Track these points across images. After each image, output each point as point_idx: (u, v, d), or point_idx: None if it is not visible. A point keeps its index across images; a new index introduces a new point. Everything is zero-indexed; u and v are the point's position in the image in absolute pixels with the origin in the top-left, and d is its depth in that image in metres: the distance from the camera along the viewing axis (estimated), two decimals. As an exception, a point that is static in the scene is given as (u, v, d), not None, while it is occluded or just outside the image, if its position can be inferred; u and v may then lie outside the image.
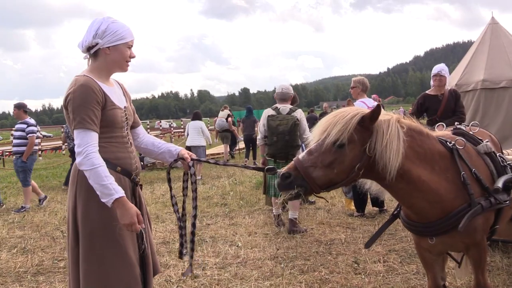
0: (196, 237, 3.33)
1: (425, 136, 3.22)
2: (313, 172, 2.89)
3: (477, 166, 3.32)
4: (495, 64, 16.07)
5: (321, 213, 8.35)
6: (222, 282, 5.26)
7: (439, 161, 3.18)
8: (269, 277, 5.31)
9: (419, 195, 3.12)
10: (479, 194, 3.18)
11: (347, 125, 2.87)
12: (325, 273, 5.29)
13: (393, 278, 5.04)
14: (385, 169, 2.94)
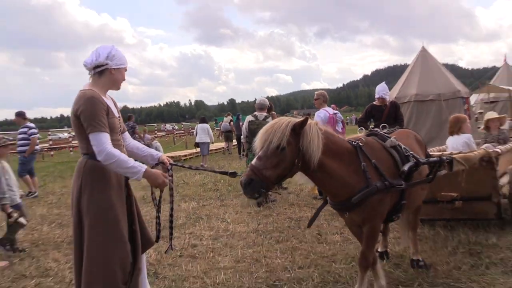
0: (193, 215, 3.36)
1: (336, 137, 3.43)
2: (266, 173, 2.99)
3: (380, 158, 3.49)
4: (424, 82, 16.33)
5: (292, 196, 8.41)
6: (215, 250, 5.29)
7: (347, 156, 3.34)
8: (252, 246, 5.36)
9: (332, 181, 3.31)
10: (377, 179, 3.33)
11: (283, 132, 3.01)
12: (295, 242, 5.34)
13: (348, 246, 5.11)
14: (310, 161, 3.10)
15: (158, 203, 3.34)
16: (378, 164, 3.37)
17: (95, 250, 2.95)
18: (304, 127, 3.07)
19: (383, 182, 3.31)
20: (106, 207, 3.00)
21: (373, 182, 3.26)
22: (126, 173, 2.98)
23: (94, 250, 2.94)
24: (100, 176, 3.02)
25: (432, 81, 16.09)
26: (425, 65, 16.67)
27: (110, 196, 3.00)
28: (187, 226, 6.55)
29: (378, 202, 3.35)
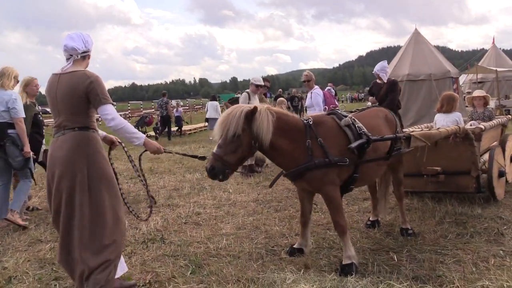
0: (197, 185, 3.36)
1: (289, 117, 3.59)
2: (227, 158, 3.26)
3: (330, 136, 3.58)
4: (416, 63, 16.18)
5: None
6: (218, 218, 5.31)
7: (297, 134, 3.50)
8: (252, 214, 5.38)
9: (281, 157, 3.55)
10: (320, 155, 3.45)
11: (238, 121, 3.22)
12: (292, 211, 5.36)
13: (341, 215, 5.13)
14: (263, 141, 3.31)
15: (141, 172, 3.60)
16: (324, 142, 3.48)
17: (110, 213, 3.05)
18: (255, 114, 3.27)
19: (323, 159, 3.43)
20: (110, 172, 3.18)
21: (314, 159, 3.42)
22: (131, 138, 3.15)
23: (108, 213, 3.04)
24: (99, 146, 3.19)
25: (424, 62, 15.94)
26: (417, 47, 16.48)
27: (108, 163, 3.22)
28: (191, 196, 6.57)
29: (322, 174, 3.49)
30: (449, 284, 3.16)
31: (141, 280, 3.53)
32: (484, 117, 6.02)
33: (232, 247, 4.22)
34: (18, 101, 5.23)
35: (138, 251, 4.28)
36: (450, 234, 4.22)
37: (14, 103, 5.15)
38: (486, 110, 6.16)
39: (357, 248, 3.98)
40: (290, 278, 3.10)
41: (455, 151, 4.95)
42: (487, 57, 22.87)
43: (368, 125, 3.81)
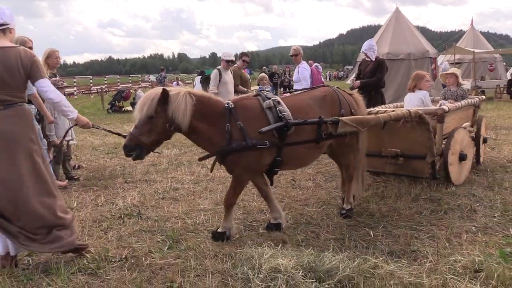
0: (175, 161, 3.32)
1: (212, 101, 3.58)
2: (143, 139, 3.32)
3: (252, 118, 3.53)
4: (396, 42, 16.25)
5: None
6: (196, 193, 5.28)
7: (217, 118, 3.49)
8: (231, 190, 5.36)
9: (203, 141, 3.61)
10: (239, 139, 3.45)
11: (151, 103, 3.27)
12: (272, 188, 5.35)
13: (319, 191, 5.17)
14: (180, 124, 3.34)
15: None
16: (245, 125, 3.46)
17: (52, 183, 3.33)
18: (169, 97, 3.29)
19: (241, 142, 3.43)
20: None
21: (233, 142, 3.43)
22: (67, 111, 3.40)
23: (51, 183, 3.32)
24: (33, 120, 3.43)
25: (404, 41, 16.01)
26: (398, 26, 16.51)
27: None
28: (169, 171, 6.50)
29: (240, 158, 3.51)
30: (423, 259, 3.22)
31: (117, 256, 3.49)
32: (456, 96, 5.92)
33: (210, 223, 4.20)
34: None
35: (115, 227, 4.23)
36: (425, 211, 4.29)
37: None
38: (459, 89, 6.04)
39: (334, 224, 4.03)
40: (268, 253, 3.10)
41: (413, 134, 4.76)
42: (465, 38, 23.15)
43: (296, 107, 3.73)
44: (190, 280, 3.02)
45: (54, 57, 5.99)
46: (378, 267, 3.02)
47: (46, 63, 5.87)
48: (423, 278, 2.89)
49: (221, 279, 3.03)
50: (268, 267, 2.84)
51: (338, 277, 2.83)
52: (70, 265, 3.33)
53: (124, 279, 3.09)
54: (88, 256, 3.48)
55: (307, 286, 2.71)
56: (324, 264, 2.94)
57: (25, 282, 3.10)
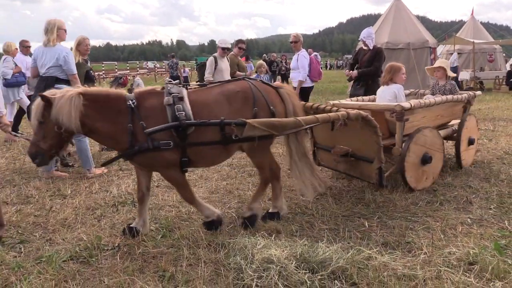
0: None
1: (111, 98, 3.31)
2: (41, 145, 3.21)
3: (154, 117, 3.28)
4: (396, 31, 16.14)
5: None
6: (191, 181, 5.23)
7: (119, 117, 3.25)
8: (226, 179, 5.33)
9: (105, 140, 3.51)
10: (144, 139, 3.22)
11: (37, 109, 3.17)
12: (266, 176, 5.31)
13: (315, 181, 5.13)
14: (69, 127, 3.15)
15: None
16: (147, 124, 3.23)
17: None
18: (51, 100, 3.13)
19: (144, 144, 3.21)
20: None
21: (136, 144, 3.22)
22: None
23: None
24: None
25: (403, 30, 15.90)
26: (398, 15, 16.38)
27: None
28: (165, 159, 6.45)
29: (149, 158, 3.32)
30: (417, 250, 3.20)
31: (110, 244, 3.47)
32: (444, 91, 5.56)
33: (205, 212, 4.16)
34: (70, 57, 5.38)
35: (108, 214, 4.20)
36: (420, 202, 4.27)
37: (66, 60, 5.31)
38: (448, 83, 5.62)
39: (329, 214, 4.00)
40: (261, 243, 3.07)
41: (363, 135, 4.32)
42: (465, 28, 22.99)
43: (202, 103, 3.44)
44: (183, 270, 3.00)
45: (84, 44, 6.09)
46: (372, 258, 3.00)
47: (77, 50, 5.99)
48: (417, 270, 2.87)
49: (214, 268, 3.01)
50: (261, 258, 2.82)
51: (332, 268, 2.81)
52: (62, 253, 3.31)
53: (116, 268, 3.06)
54: (80, 244, 3.45)
55: (300, 277, 2.69)
56: (318, 255, 2.91)
57: (16, 269, 3.07)
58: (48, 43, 5.35)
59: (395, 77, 5.06)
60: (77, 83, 5.25)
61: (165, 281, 2.88)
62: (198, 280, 2.84)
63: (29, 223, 4.01)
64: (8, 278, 2.95)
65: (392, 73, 5.06)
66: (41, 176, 5.51)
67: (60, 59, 5.28)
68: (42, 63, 5.35)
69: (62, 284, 2.84)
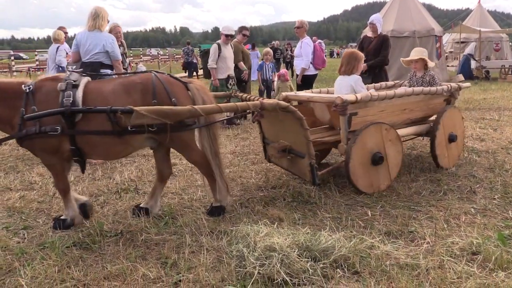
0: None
1: (10, 86, 3.33)
2: None
3: (47, 102, 3.27)
4: (401, 19, 15.97)
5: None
6: (193, 169, 5.20)
7: (15, 102, 3.26)
8: (229, 166, 5.32)
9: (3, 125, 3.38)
10: (32, 124, 3.22)
11: None
12: (269, 164, 5.28)
13: (318, 170, 5.11)
14: None
15: None
16: (39, 109, 3.22)
17: None
18: None
19: (32, 128, 3.20)
20: None
21: (25, 128, 3.22)
22: None
23: None
24: None
25: (409, 18, 15.72)
26: (403, 2, 16.19)
27: None
28: (168, 146, 6.45)
29: (36, 143, 3.31)
30: (420, 240, 3.19)
31: (112, 230, 3.47)
32: (423, 83, 5.11)
33: (207, 199, 4.17)
34: (115, 44, 5.58)
35: (111, 201, 4.20)
36: (424, 191, 4.25)
37: (112, 46, 5.49)
38: (427, 75, 5.13)
39: (332, 203, 3.99)
40: (264, 231, 3.07)
41: (294, 130, 4.08)
42: (471, 17, 22.72)
43: (99, 92, 3.38)
44: (185, 257, 3.00)
45: (116, 31, 6.51)
46: (374, 247, 3.00)
47: None
48: (419, 259, 2.86)
49: (216, 256, 3.01)
50: (263, 246, 2.81)
51: (334, 257, 2.81)
52: (65, 239, 3.32)
53: (119, 254, 3.07)
54: (83, 230, 3.46)
55: (302, 265, 2.69)
56: (320, 243, 2.91)
57: (20, 255, 3.09)
58: (94, 28, 5.41)
59: (357, 67, 4.58)
60: (120, 68, 5.58)
61: (167, 268, 2.88)
62: (201, 267, 2.84)
63: (32, 209, 4.03)
64: (12, 264, 2.96)
65: (357, 62, 4.56)
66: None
67: (107, 46, 5.41)
68: (87, 48, 5.40)
69: (65, 269, 2.85)
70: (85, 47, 5.40)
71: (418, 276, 2.70)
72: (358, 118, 4.18)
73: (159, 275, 2.78)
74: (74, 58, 5.64)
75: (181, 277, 2.75)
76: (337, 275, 2.70)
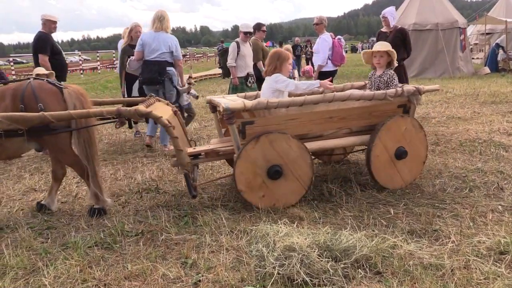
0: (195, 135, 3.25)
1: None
2: None
3: None
4: (424, 11, 15.65)
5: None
6: (214, 168, 5.23)
7: None
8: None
9: None
10: None
11: None
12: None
13: (339, 167, 5.03)
14: None
15: None
16: None
17: None
18: None
19: None
20: None
21: None
22: None
23: None
24: None
25: (431, 10, 15.39)
26: (426, -6, 15.83)
27: None
28: (188, 145, 6.47)
29: None
30: (445, 239, 3.10)
31: (133, 230, 3.49)
32: (380, 83, 4.36)
33: (227, 198, 4.16)
34: (178, 44, 6.04)
35: (132, 201, 4.24)
36: (448, 188, 4.13)
37: (177, 47, 5.97)
38: (385, 74, 4.33)
39: (353, 201, 3.92)
40: (283, 230, 3.03)
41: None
42: (496, 7, 22.07)
43: None
44: (205, 256, 3.00)
45: (135, 31, 6.71)
46: (397, 246, 2.93)
47: (130, 35, 6.73)
48: (444, 259, 2.78)
49: (236, 255, 2.99)
50: (283, 246, 2.77)
51: (355, 257, 2.75)
52: (87, 239, 3.35)
53: (139, 254, 3.09)
54: (104, 230, 3.50)
55: (323, 266, 2.64)
56: (341, 243, 2.85)
57: (43, 255, 3.14)
58: (161, 30, 5.88)
59: (281, 67, 4.13)
60: (181, 67, 6.13)
61: (187, 267, 2.88)
62: (220, 267, 2.83)
63: (56, 210, 4.09)
64: (36, 263, 3.01)
65: (280, 62, 4.13)
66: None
67: (172, 46, 5.89)
68: (153, 48, 5.83)
69: (87, 269, 2.88)
70: (151, 47, 5.83)
71: (443, 276, 2.62)
72: (256, 127, 3.75)
73: (179, 275, 2.78)
74: (137, 56, 6.02)
75: (200, 277, 2.74)
76: (359, 275, 2.64)
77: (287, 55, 4.21)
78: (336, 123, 4.04)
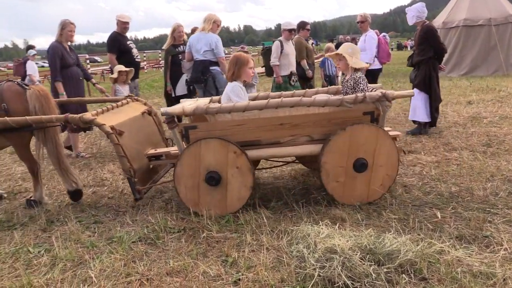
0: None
1: None
2: None
3: None
4: (475, 6, 14.98)
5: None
6: (255, 167, 5.22)
7: None
8: (291, 164, 5.23)
9: None
10: None
11: None
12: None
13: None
14: None
15: None
16: None
17: None
18: None
19: None
20: None
21: None
22: None
23: None
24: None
25: (484, 4, 14.69)
26: (478, -13, 15.14)
27: None
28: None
29: None
30: (496, 246, 2.94)
31: (176, 227, 3.55)
32: (347, 89, 4.14)
33: (269, 197, 4.14)
34: (219, 42, 6.23)
35: (175, 198, 4.30)
36: (501, 192, 3.92)
37: (216, 44, 6.15)
38: (351, 78, 4.11)
39: (398, 203, 3.79)
40: (325, 232, 2.98)
41: None
42: (557, -1, 20.74)
43: None
44: (245, 255, 3.00)
45: (178, 31, 6.95)
46: (444, 252, 2.80)
47: (173, 36, 6.93)
48: (496, 268, 2.63)
49: (276, 256, 2.97)
50: (324, 247, 2.72)
51: (399, 261, 2.65)
52: (131, 234, 3.44)
53: (181, 251, 3.13)
54: (148, 226, 3.58)
55: (365, 269, 2.56)
56: (385, 247, 2.76)
57: (90, 248, 3.25)
58: (203, 30, 6.21)
59: (239, 72, 3.94)
60: (225, 64, 5.94)
61: (227, 266, 2.89)
62: (260, 266, 2.82)
63: (103, 205, 4.23)
64: (83, 256, 3.13)
65: (238, 67, 3.93)
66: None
67: (213, 44, 6.12)
68: (197, 48, 6.18)
69: (131, 264, 2.95)
70: (195, 47, 6.19)
71: (494, 286, 2.48)
72: (199, 132, 3.69)
73: (219, 273, 2.80)
74: (187, 57, 6.40)
75: (240, 276, 2.75)
76: (403, 280, 2.55)
77: (246, 59, 3.97)
78: (289, 130, 3.74)
